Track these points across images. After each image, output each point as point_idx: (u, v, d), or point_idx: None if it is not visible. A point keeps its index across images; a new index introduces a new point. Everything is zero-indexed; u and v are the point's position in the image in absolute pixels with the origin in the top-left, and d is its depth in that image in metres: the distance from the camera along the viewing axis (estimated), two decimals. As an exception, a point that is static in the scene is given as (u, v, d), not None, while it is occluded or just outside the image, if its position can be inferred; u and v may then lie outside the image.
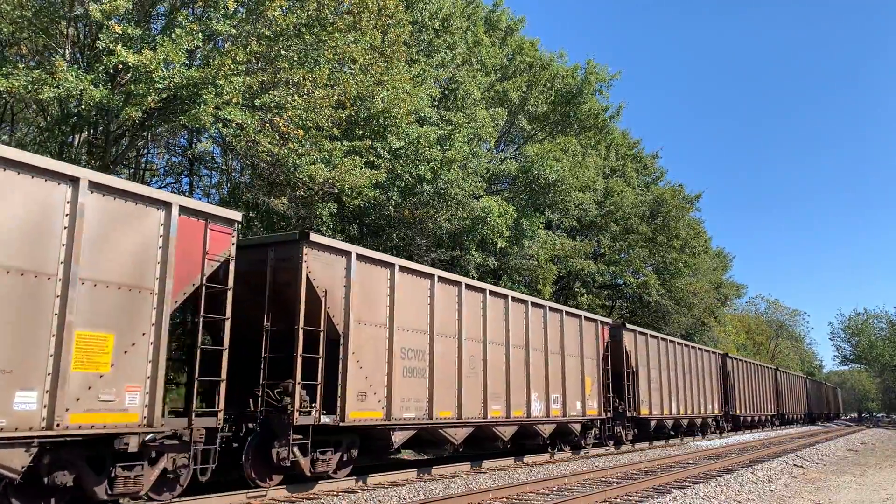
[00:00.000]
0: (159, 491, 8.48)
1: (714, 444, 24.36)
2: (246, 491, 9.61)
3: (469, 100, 22.56)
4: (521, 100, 27.14)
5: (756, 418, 38.16)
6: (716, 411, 30.06)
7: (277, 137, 14.15)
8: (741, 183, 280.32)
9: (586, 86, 28.55)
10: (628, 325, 22.41)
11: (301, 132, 14.10)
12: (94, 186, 7.73)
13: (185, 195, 19.75)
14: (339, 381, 10.66)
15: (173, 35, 12.09)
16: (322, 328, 10.43)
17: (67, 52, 13.68)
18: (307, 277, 10.30)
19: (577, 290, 32.51)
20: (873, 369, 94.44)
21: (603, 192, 32.71)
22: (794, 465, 16.84)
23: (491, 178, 25.54)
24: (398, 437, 11.73)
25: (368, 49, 15.45)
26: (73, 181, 7.56)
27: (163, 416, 8.18)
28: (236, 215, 9.33)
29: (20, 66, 11.66)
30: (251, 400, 10.30)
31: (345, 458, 11.17)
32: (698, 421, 28.25)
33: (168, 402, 10.90)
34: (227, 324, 9.05)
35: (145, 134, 16.01)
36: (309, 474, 10.41)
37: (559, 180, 24.35)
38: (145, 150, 20.87)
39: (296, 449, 10.04)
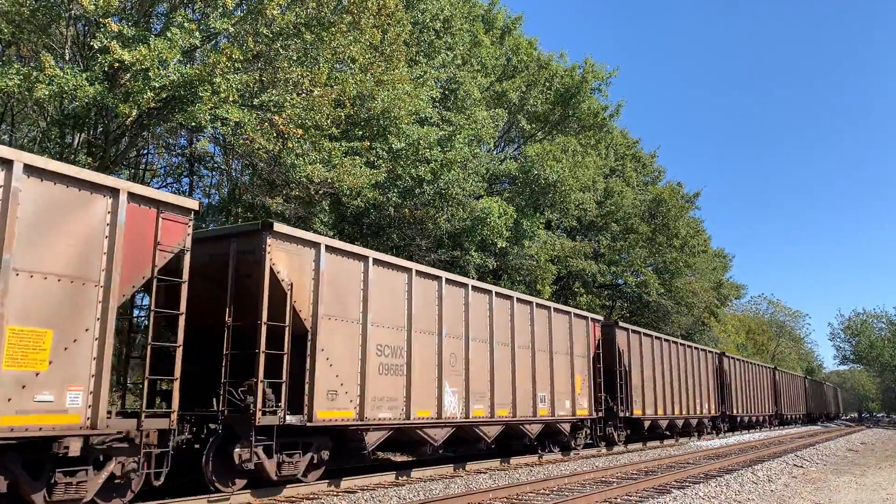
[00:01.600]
0: (108, 497, 7.91)
1: (713, 445, 24.34)
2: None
3: (469, 100, 22.56)
4: (521, 100, 27.14)
5: (754, 419, 37.53)
6: (712, 411, 29.33)
7: (276, 136, 14.15)
8: (741, 182, 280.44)
9: (584, 84, 28.54)
10: (621, 324, 21.82)
11: (300, 131, 14.09)
12: (31, 170, 7.11)
13: (185, 195, 19.77)
14: (307, 380, 10.10)
15: (169, 33, 12.09)
16: (287, 323, 9.85)
17: (67, 51, 13.69)
18: (271, 270, 9.73)
19: (576, 290, 32.51)
20: (873, 369, 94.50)
21: (603, 192, 32.71)
22: (794, 465, 16.84)
23: (491, 179, 25.54)
24: (372, 438, 11.24)
25: (368, 49, 15.45)
26: (6, 164, 6.95)
27: (109, 416, 7.68)
28: (192, 203, 8.74)
29: (16, 65, 11.64)
30: (214, 399, 9.80)
31: (315, 461, 10.62)
32: (694, 421, 27.30)
33: (118, 404, 10.51)
34: (182, 319, 8.51)
35: (145, 134, 16.01)
36: (275, 477, 9.87)
37: (559, 180, 24.35)
38: (145, 151, 20.88)
39: (260, 451, 9.52)
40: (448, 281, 13.40)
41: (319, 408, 10.22)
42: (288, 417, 9.80)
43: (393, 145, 18.02)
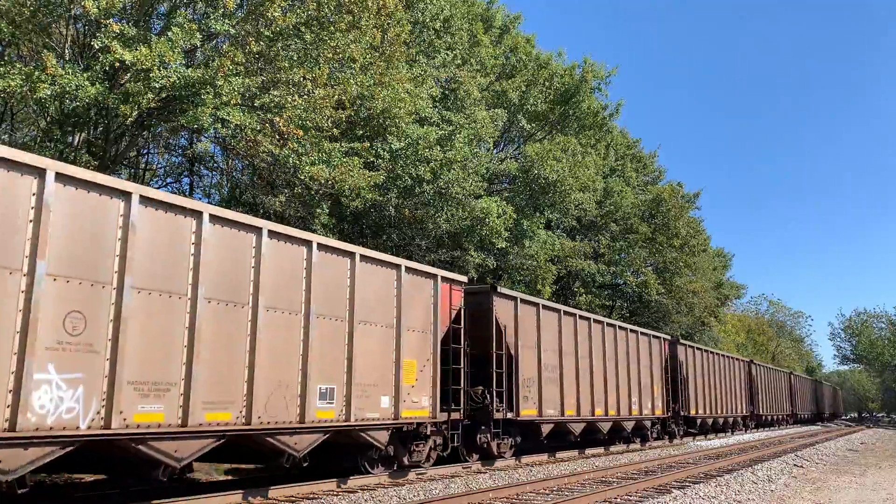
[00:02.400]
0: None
1: (713, 445, 24.37)
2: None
3: (469, 100, 22.55)
4: (521, 99, 27.13)
5: (720, 420, 34.53)
6: (658, 412, 25.60)
7: (277, 138, 14.16)
8: (741, 182, 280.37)
9: (584, 84, 28.53)
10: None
11: (300, 132, 14.11)
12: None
13: (185, 195, 19.77)
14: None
15: (170, 34, 12.09)
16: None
17: (67, 51, 13.68)
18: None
19: (576, 289, 32.52)
20: (873, 369, 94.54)
21: (602, 192, 32.70)
22: (795, 464, 16.84)
23: (491, 178, 25.54)
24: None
25: (368, 49, 15.45)
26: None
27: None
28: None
29: (17, 65, 11.64)
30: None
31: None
32: (629, 424, 23.00)
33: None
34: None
35: (145, 134, 16.01)
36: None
37: (559, 180, 24.35)
38: (145, 151, 20.88)
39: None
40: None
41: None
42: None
43: (392, 145, 18.02)
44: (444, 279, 13.64)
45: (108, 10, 11.72)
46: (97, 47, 11.91)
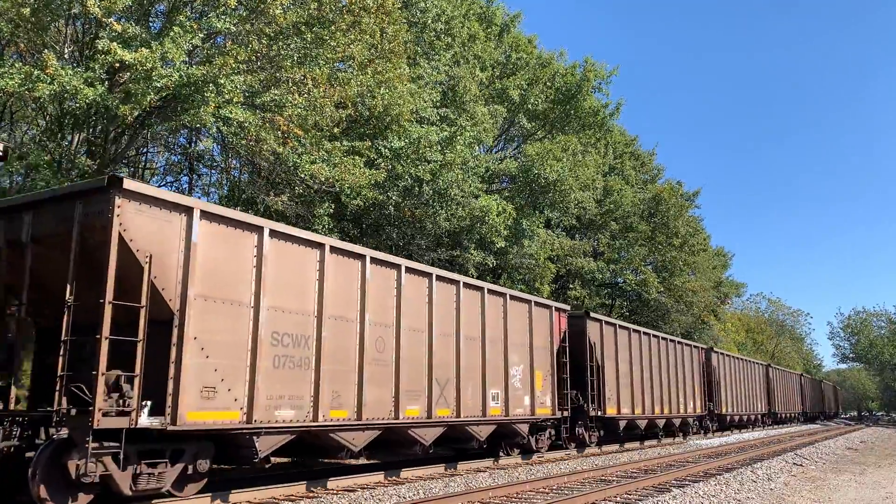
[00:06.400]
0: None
1: (713, 443, 24.36)
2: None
3: (468, 96, 22.52)
4: (521, 97, 27.11)
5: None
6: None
7: (279, 135, 14.15)
8: (740, 181, 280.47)
9: (585, 83, 28.50)
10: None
11: (300, 132, 14.11)
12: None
13: (185, 194, 19.75)
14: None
15: (172, 33, 12.07)
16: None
17: (65, 50, 13.67)
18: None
19: (575, 288, 32.52)
20: (873, 368, 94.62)
21: (602, 191, 32.70)
22: (794, 463, 16.84)
23: (491, 178, 25.53)
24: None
25: (368, 48, 15.45)
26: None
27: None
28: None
29: (16, 64, 11.61)
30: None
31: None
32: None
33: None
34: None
35: (145, 132, 16.00)
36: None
37: (559, 180, 24.33)
38: (144, 149, 20.87)
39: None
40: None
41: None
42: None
43: (393, 143, 18.01)
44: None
45: (110, 9, 11.70)
46: (100, 48, 11.88)
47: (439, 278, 13.05)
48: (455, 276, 13.81)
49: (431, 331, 12.69)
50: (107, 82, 12.61)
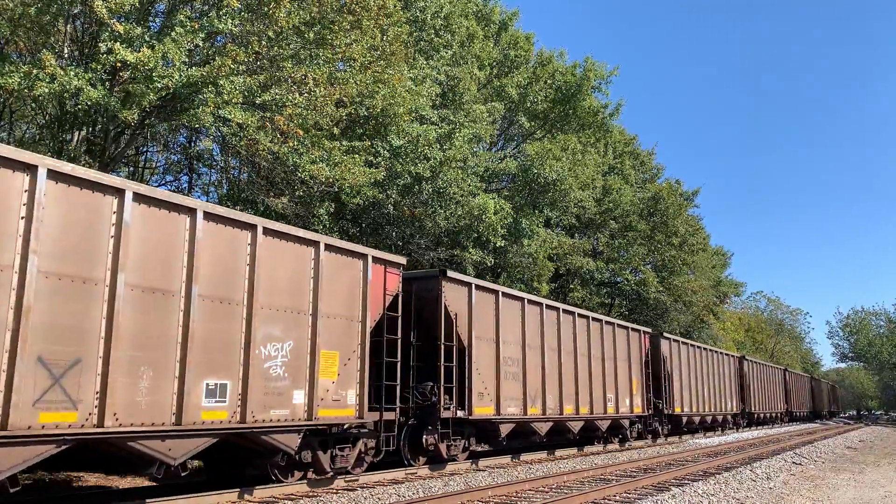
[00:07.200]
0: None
1: (712, 443, 24.40)
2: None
3: (467, 95, 22.50)
4: (521, 96, 27.09)
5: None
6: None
7: (278, 136, 14.13)
8: (740, 180, 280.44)
9: (585, 83, 28.47)
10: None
11: (300, 131, 14.09)
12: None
13: (184, 194, 19.76)
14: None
15: (173, 34, 12.05)
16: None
17: (66, 49, 13.65)
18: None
19: (575, 287, 32.52)
20: (872, 367, 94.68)
21: (601, 190, 32.69)
22: (793, 462, 16.86)
23: (490, 177, 25.51)
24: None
25: (368, 48, 15.43)
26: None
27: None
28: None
29: (16, 63, 11.59)
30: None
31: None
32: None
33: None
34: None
35: (145, 132, 15.98)
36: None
37: (559, 179, 24.33)
38: (144, 149, 20.85)
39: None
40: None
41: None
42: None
43: (392, 142, 18.00)
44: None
45: (117, 10, 11.66)
46: (103, 50, 11.84)
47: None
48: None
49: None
50: (107, 83, 12.59)
